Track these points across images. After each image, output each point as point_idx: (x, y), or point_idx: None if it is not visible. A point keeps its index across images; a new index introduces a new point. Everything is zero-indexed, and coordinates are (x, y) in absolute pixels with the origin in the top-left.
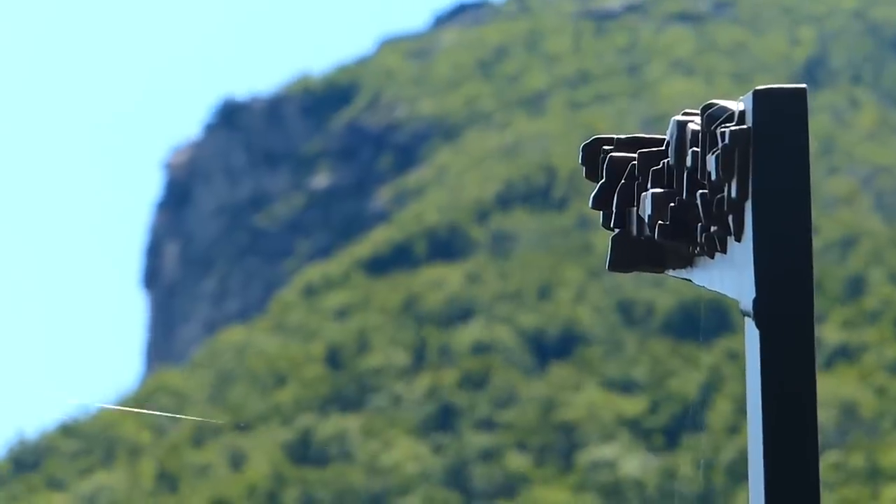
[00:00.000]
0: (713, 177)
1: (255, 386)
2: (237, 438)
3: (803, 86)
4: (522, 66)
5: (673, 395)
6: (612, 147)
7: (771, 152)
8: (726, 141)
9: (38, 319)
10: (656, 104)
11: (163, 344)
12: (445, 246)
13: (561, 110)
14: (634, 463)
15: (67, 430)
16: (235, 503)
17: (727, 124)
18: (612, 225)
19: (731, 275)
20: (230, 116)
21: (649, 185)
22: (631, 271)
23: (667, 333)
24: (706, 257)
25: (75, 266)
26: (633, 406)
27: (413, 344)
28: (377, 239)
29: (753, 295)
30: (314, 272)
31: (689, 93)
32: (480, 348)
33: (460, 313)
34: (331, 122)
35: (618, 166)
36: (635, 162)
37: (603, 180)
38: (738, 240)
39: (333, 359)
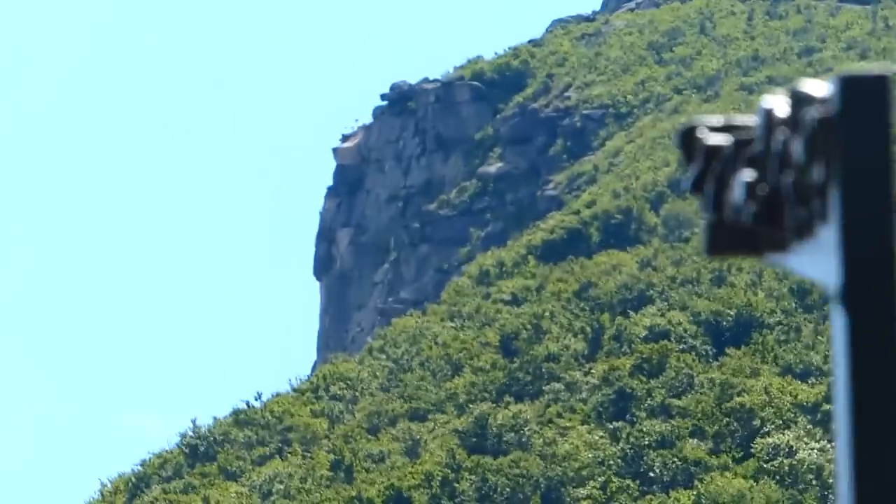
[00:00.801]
0: (799, 161)
1: (430, 373)
2: (412, 426)
3: (887, 71)
4: (695, 49)
5: None
6: (707, 132)
7: (855, 136)
8: (811, 125)
9: (213, 311)
10: None
11: (336, 332)
12: (619, 231)
13: (734, 93)
14: (813, 449)
15: (242, 419)
16: (410, 491)
17: (813, 109)
18: (709, 209)
19: (820, 259)
20: (401, 102)
21: (741, 170)
22: (727, 256)
23: None
24: (798, 241)
25: (250, 256)
26: (810, 392)
27: (588, 330)
28: (551, 225)
29: (840, 280)
30: (488, 259)
31: None
32: (656, 334)
33: (635, 299)
34: (503, 107)
35: (712, 151)
36: (729, 147)
37: (699, 165)
38: (826, 224)
39: (508, 346)
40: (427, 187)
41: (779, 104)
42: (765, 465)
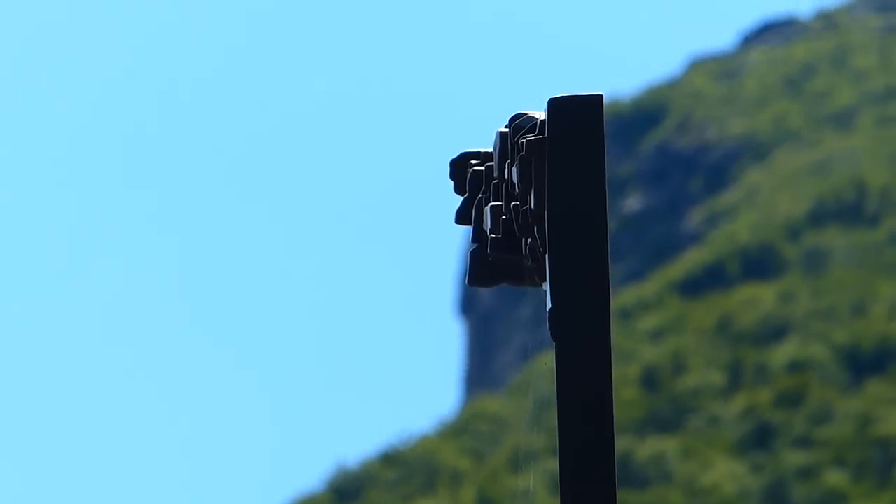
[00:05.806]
0: (517, 188)
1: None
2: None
3: (600, 94)
4: (830, 82)
5: None
6: (478, 161)
7: (564, 162)
8: (523, 151)
9: (355, 348)
10: None
11: (480, 370)
12: (758, 265)
13: (870, 126)
14: None
15: (388, 458)
16: None
17: (529, 134)
18: (472, 239)
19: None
20: None
21: (491, 198)
22: (491, 286)
23: None
24: (538, 271)
25: (392, 293)
26: None
27: (728, 364)
28: (690, 260)
29: (550, 307)
30: (628, 295)
31: None
32: (795, 366)
33: (775, 332)
34: (641, 144)
35: (477, 180)
36: (484, 174)
37: (467, 195)
38: (544, 251)
39: (649, 380)
40: None
41: (508, 129)
42: None
